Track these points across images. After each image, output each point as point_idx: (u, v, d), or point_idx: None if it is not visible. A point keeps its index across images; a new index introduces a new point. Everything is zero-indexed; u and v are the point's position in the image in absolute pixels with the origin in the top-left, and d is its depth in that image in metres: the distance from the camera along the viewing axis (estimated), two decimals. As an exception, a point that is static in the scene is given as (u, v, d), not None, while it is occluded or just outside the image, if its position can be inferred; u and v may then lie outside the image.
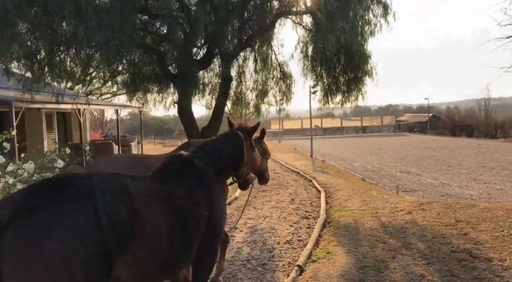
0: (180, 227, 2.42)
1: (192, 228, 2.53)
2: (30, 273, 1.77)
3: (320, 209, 7.91)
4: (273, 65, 13.38)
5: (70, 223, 1.88)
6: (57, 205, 1.91)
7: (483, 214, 5.88)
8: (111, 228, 1.96)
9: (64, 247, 1.82)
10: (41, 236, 1.81)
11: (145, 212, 2.21)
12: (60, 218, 1.88)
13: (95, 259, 1.90)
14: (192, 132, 10.11)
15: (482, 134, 44.58)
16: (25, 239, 1.78)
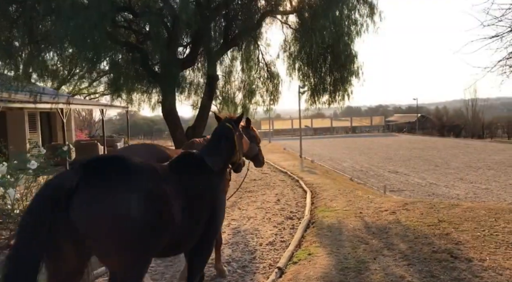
0: (191, 212, 2.81)
1: (198, 215, 2.94)
2: (96, 219, 2.25)
3: (305, 209, 7.84)
4: (260, 65, 13.30)
5: (120, 196, 2.36)
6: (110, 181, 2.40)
7: (466, 214, 5.86)
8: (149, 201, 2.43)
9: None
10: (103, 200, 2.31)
11: (168, 194, 2.61)
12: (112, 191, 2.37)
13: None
14: (177, 132, 9.97)
15: (469, 135, 45.15)
16: (91, 197, 2.29)
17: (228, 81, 14.24)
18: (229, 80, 14.23)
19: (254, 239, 6.05)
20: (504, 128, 44.35)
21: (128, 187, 2.40)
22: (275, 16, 11.12)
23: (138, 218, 2.35)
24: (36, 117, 14.37)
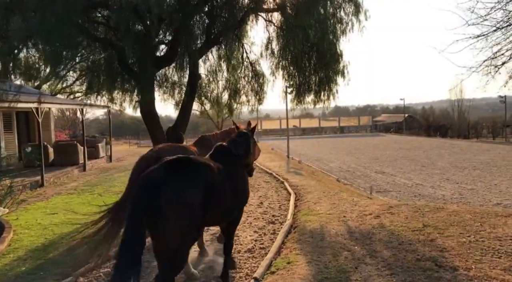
0: (233, 191, 3.95)
1: (238, 192, 4.12)
2: (179, 205, 3.24)
3: (288, 213, 7.58)
4: (245, 64, 13.00)
5: (193, 185, 3.38)
6: (185, 175, 3.40)
7: (451, 218, 5.67)
8: (209, 189, 3.50)
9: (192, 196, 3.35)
10: (182, 189, 3.31)
11: (218, 181, 3.69)
12: (188, 182, 3.36)
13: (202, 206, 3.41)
14: (157, 132, 9.60)
15: (455, 135, 45.63)
16: (174, 189, 3.26)
17: (213, 81, 13.91)
18: (214, 80, 13.91)
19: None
20: (489, 128, 44.96)
21: (197, 181, 3.44)
22: (258, 13, 10.83)
23: (203, 201, 3.41)
24: (12, 117, 13.82)
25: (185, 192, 3.32)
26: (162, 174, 3.32)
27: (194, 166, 3.57)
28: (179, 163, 3.50)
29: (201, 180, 3.48)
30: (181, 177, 3.36)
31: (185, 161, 3.59)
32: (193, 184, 3.39)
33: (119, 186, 11.53)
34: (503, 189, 14.64)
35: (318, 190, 9.80)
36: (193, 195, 3.36)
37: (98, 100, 12.93)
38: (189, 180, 3.38)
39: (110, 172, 15.43)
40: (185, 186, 3.33)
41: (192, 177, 3.43)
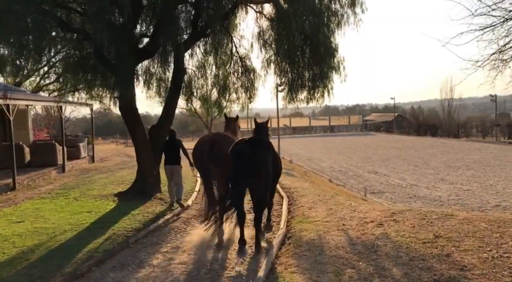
0: (272, 166, 5.76)
1: (274, 168, 5.90)
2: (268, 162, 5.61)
3: (280, 220, 6.91)
4: (234, 58, 12.28)
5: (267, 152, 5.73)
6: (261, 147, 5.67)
7: (464, 227, 5.07)
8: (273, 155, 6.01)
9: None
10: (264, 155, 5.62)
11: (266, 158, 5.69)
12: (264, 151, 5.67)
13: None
14: (137, 131, 8.86)
15: (445, 134, 45.62)
16: (262, 155, 5.55)
17: (201, 77, 13.16)
18: (202, 76, 13.16)
19: (218, 261, 5.07)
20: (478, 127, 45.05)
21: (268, 150, 5.75)
22: (248, 4, 10.13)
23: (273, 162, 5.74)
24: (-15, 115, 12.87)
25: (266, 155, 5.64)
26: (249, 146, 5.56)
27: (265, 142, 5.86)
28: (258, 141, 5.75)
29: (270, 149, 5.86)
30: (261, 147, 5.66)
31: (260, 139, 5.83)
32: (267, 152, 5.71)
33: (98, 188, 10.72)
34: (500, 189, 14.27)
35: (312, 193, 9.16)
36: (268, 157, 5.67)
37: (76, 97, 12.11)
38: (265, 148, 5.72)
39: (91, 173, 14.56)
40: (264, 153, 5.63)
41: (266, 147, 5.77)
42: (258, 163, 5.41)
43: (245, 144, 5.56)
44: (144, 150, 9.17)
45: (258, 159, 5.43)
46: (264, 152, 5.58)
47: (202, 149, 6.38)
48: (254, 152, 5.45)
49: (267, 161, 5.57)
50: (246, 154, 5.40)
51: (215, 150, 6.15)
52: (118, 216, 7.49)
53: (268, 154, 5.65)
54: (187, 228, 6.85)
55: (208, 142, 6.41)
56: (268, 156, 5.62)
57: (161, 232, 6.65)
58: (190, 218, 7.58)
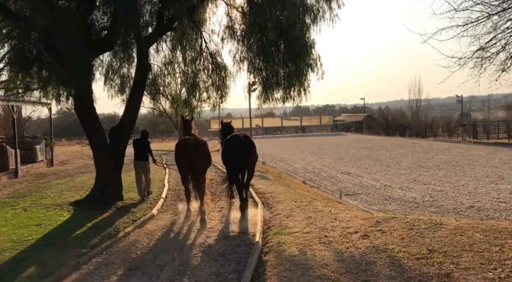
0: (254, 153, 8.11)
1: (254, 156, 8.17)
2: (254, 149, 8.07)
3: (256, 231, 6.26)
4: (204, 55, 11.52)
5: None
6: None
7: (458, 239, 4.62)
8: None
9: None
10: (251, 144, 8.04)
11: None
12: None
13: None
14: (95, 133, 7.94)
15: (413, 134, 46.67)
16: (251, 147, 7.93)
17: (168, 74, 12.31)
18: (169, 73, 12.31)
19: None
20: (444, 127, 46.40)
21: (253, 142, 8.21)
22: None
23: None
24: None
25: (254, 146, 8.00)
26: (245, 140, 7.92)
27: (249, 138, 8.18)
28: (247, 137, 8.13)
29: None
30: (250, 141, 7.96)
31: (247, 136, 8.25)
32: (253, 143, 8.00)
33: (53, 196, 9.65)
34: (472, 190, 14.30)
35: (288, 199, 8.57)
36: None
37: (36, 96, 10.94)
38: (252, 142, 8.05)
39: (47, 178, 13.33)
40: (253, 143, 8.00)
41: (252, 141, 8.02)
42: (251, 151, 7.90)
43: (240, 137, 8.04)
44: (103, 154, 8.27)
45: (250, 148, 7.89)
46: (253, 143, 8.02)
47: (188, 150, 7.59)
48: (248, 143, 7.90)
49: (255, 150, 8.08)
50: (243, 144, 7.81)
51: (199, 150, 7.72)
52: (72, 229, 6.58)
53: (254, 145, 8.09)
54: (150, 243, 6.05)
55: (192, 144, 7.69)
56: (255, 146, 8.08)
57: (120, 249, 5.82)
58: (154, 230, 6.77)
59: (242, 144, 7.77)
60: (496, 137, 36.78)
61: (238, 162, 7.74)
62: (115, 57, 11.20)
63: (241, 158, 7.69)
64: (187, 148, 7.56)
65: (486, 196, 13.12)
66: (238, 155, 7.68)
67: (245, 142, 7.85)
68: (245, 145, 7.77)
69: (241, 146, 7.74)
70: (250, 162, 7.93)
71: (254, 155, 8.05)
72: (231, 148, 7.90)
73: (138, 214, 7.82)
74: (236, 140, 7.92)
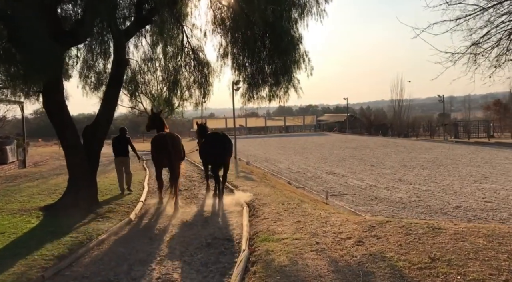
0: (231, 149, 9.48)
1: (231, 152, 9.46)
2: (231, 146, 9.30)
3: (241, 238, 5.81)
4: (185, 50, 11.01)
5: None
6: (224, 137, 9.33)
7: (460, 245, 4.30)
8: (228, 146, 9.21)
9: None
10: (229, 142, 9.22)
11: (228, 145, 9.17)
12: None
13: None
14: (67, 133, 7.33)
15: (395, 133, 47.10)
16: (228, 143, 9.13)
17: (147, 70, 11.74)
18: (149, 69, 11.74)
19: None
20: (425, 127, 47.02)
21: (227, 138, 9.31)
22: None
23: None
24: None
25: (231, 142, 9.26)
26: (224, 135, 9.12)
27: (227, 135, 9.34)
28: (225, 134, 9.24)
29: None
30: (228, 138, 9.13)
31: (225, 133, 9.36)
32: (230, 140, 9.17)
33: (22, 201, 8.96)
34: (457, 189, 14.24)
35: (275, 201, 8.15)
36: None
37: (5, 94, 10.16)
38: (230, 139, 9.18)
39: (18, 180, 12.54)
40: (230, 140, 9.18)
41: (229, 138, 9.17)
42: (230, 146, 9.20)
43: (219, 134, 9.31)
44: (77, 155, 7.66)
45: (230, 143, 9.11)
46: (230, 140, 9.21)
47: (162, 145, 8.26)
48: (226, 139, 9.10)
49: (232, 146, 9.44)
50: (222, 141, 8.94)
51: (175, 144, 8.43)
52: (39, 238, 5.97)
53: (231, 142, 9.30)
54: (126, 252, 5.52)
55: (165, 139, 8.35)
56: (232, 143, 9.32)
57: (92, 259, 5.28)
58: (131, 238, 6.24)
59: (221, 139, 8.99)
60: (477, 137, 37.42)
61: (217, 154, 8.77)
62: (90, 52, 10.56)
63: (220, 152, 8.75)
64: (164, 141, 8.28)
65: (472, 195, 13.05)
66: (217, 148, 8.79)
67: (223, 137, 9.11)
68: (224, 140, 8.99)
69: (220, 140, 8.92)
70: (227, 155, 9.08)
71: (231, 150, 9.33)
72: (211, 142, 9.02)
73: (114, 220, 7.25)
74: (216, 136, 9.18)
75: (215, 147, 8.80)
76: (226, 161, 9.05)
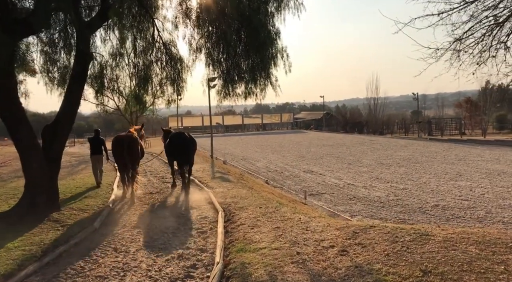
0: (195, 146, 10.33)
1: (194, 149, 10.31)
2: (193, 144, 10.15)
3: (216, 247, 5.33)
4: (156, 45, 10.37)
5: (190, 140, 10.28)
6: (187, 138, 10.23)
7: (452, 254, 3.99)
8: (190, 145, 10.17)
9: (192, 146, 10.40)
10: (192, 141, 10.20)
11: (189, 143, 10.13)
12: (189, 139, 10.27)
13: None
14: (20, 130, 6.60)
15: (371, 131, 47.65)
16: (191, 141, 10.13)
17: (116, 66, 11.00)
18: (117, 65, 11.00)
19: None
20: (399, 124, 47.81)
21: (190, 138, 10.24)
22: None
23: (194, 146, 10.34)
24: None
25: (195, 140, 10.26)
26: (184, 134, 10.09)
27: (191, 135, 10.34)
28: (187, 134, 10.18)
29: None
30: (192, 137, 10.18)
31: (186, 133, 10.26)
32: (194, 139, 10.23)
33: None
34: (434, 187, 14.26)
35: (253, 204, 7.71)
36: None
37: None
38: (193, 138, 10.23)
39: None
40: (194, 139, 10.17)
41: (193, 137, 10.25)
42: (193, 145, 10.12)
43: (184, 134, 10.23)
44: (34, 157, 6.95)
45: (192, 142, 10.08)
46: (194, 139, 10.23)
47: (121, 145, 9.21)
48: (190, 138, 10.09)
49: (195, 144, 10.27)
50: (186, 140, 9.97)
51: (132, 145, 9.36)
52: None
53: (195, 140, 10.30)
54: (85, 267, 4.93)
55: (124, 140, 9.31)
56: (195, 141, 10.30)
57: (45, 277, 4.66)
58: (93, 249, 5.63)
59: (183, 138, 10.00)
60: (449, 134, 38.30)
61: (180, 152, 9.85)
62: (53, 45, 9.80)
63: (185, 149, 9.87)
64: (119, 144, 9.30)
65: (449, 193, 13.06)
66: (182, 145, 9.86)
67: (185, 136, 10.08)
68: (185, 139, 9.98)
69: (182, 139, 9.96)
70: (192, 152, 10.16)
71: (195, 147, 10.25)
72: (173, 141, 10.03)
73: (75, 228, 6.60)
74: (178, 135, 10.20)
75: (178, 146, 9.83)
76: (190, 157, 10.09)
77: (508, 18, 5.64)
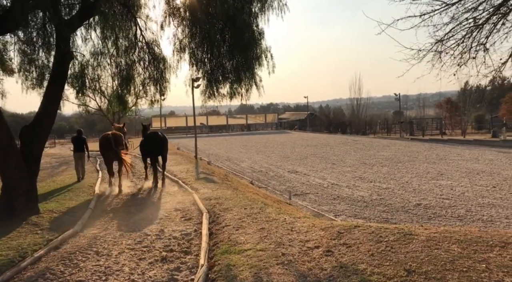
0: (166, 147, 11.74)
1: (166, 147, 11.77)
2: (164, 143, 11.48)
3: (200, 250, 5.26)
4: (139, 44, 10.22)
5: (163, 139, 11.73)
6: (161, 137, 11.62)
7: (434, 254, 4.04)
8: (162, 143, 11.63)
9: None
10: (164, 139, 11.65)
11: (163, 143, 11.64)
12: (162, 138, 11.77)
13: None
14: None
15: (354, 131, 48.22)
16: (163, 139, 11.48)
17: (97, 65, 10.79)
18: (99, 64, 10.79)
19: None
20: (381, 124, 48.55)
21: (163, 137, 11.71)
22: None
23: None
24: None
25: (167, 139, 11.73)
26: (162, 135, 11.53)
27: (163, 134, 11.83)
28: (160, 133, 11.61)
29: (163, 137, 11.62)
30: (164, 136, 11.59)
31: (160, 133, 11.65)
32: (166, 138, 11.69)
33: None
34: (416, 186, 14.52)
35: (237, 205, 7.66)
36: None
37: None
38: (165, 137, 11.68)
39: None
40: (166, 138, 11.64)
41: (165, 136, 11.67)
42: (164, 144, 11.37)
43: (154, 134, 11.45)
44: (10, 158, 6.72)
45: (164, 141, 11.36)
46: (165, 138, 11.56)
47: (108, 142, 10.71)
48: (160, 138, 11.30)
49: (167, 143, 11.61)
50: (159, 139, 11.25)
51: (117, 142, 10.79)
52: (-40, 259, 5.08)
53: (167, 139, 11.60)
54: (65, 271, 4.79)
55: (111, 138, 10.78)
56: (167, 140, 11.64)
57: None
58: (74, 253, 5.47)
59: (156, 137, 11.27)
60: (430, 134, 39.09)
61: (153, 150, 11.24)
62: (31, 44, 9.53)
63: (157, 146, 11.20)
64: (108, 139, 10.80)
65: (430, 193, 13.31)
66: (155, 144, 11.17)
67: (158, 136, 11.34)
68: (158, 138, 11.25)
69: (155, 139, 11.24)
70: (163, 151, 11.46)
71: (166, 146, 11.57)
72: (147, 140, 11.34)
73: (56, 231, 6.42)
74: (152, 135, 11.50)
75: (150, 145, 11.17)
76: (162, 154, 11.54)
77: (487, 20, 5.77)
